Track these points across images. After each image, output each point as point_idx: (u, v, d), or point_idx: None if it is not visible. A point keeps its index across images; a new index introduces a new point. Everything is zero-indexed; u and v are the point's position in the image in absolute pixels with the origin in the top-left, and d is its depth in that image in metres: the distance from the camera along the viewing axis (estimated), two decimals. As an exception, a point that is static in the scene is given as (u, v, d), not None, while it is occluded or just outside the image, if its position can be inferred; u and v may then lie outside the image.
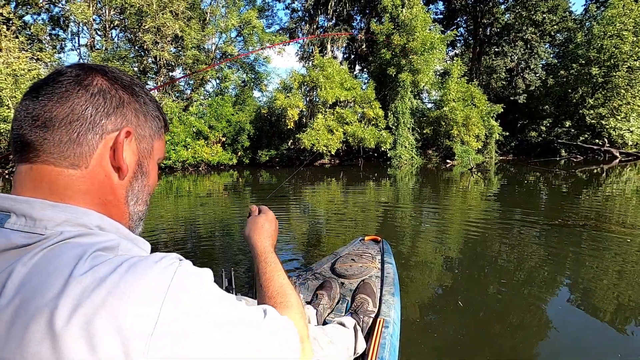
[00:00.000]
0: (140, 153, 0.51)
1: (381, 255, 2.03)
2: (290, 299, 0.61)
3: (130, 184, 0.51)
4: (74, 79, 0.46)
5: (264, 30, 20.58)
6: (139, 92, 0.52)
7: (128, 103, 0.49)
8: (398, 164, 17.30)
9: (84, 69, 0.48)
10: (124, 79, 0.50)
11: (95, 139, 0.46)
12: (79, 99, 0.45)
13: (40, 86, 0.45)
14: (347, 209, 6.35)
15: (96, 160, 0.46)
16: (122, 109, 0.48)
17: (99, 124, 0.46)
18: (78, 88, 0.45)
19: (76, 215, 0.42)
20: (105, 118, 0.46)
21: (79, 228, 0.42)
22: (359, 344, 1.18)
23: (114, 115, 0.47)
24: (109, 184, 0.48)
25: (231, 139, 17.54)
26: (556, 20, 24.28)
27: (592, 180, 10.24)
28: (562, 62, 21.68)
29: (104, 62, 17.65)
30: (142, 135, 0.51)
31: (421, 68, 16.93)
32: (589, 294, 2.56)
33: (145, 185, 0.53)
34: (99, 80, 0.47)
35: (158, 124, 0.55)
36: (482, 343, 1.97)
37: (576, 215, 5.01)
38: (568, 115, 20.99)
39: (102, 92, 0.47)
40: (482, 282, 2.84)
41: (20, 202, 0.41)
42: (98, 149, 0.46)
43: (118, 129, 0.47)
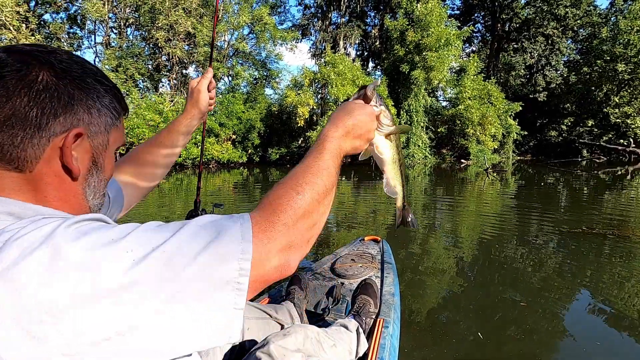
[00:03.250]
0: (94, 150, 0.48)
1: (381, 256, 2.03)
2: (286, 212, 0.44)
3: (85, 180, 0.48)
4: (16, 74, 0.41)
5: (275, 27, 20.45)
6: (92, 83, 0.47)
7: (79, 99, 0.45)
8: (411, 163, 16.92)
9: (26, 60, 0.42)
10: (74, 70, 0.45)
11: (41, 143, 0.42)
12: (21, 99, 0.41)
13: None
14: (356, 208, 6.15)
15: (43, 163, 0.43)
16: (71, 107, 0.44)
17: (45, 127, 0.42)
18: (20, 85, 0.41)
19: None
20: (52, 119, 0.43)
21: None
22: (361, 347, 1.15)
23: (62, 115, 0.43)
24: (59, 183, 0.45)
25: (241, 136, 17.51)
26: (580, 15, 23.24)
27: (616, 182, 9.71)
28: (585, 59, 20.77)
29: (118, 59, 17.89)
30: (96, 132, 0.48)
31: (435, 65, 16.47)
32: (609, 302, 2.44)
33: (102, 180, 0.51)
34: (44, 75, 0.42)
35: (114, 114, 0.50)
36: (484, 344, 1.93)
37: (598, 221, 4.74)
38: (591, 114, 20.11)
39: (48, 89, 0.42)
40: (492, 285, 2.77)
41: None
42: (45, 153, 0.43)
43: (67, 129, 0.44)
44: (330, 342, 1.00)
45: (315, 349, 0.92)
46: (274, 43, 20.35)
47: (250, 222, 0.41)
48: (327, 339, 1.00)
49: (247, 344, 1.01)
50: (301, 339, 0.89)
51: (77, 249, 0.34)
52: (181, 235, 0.37)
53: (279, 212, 0.43)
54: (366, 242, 2.27)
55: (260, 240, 0.40)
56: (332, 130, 0.57)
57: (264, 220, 0.42)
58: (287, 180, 0.49)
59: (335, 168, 0.54)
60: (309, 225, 0.46)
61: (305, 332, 0.92)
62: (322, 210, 0.49)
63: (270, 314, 1.14)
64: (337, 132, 0.57)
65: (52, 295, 0.32)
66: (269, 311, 1.15)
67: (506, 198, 7.28)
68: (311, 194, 0.47)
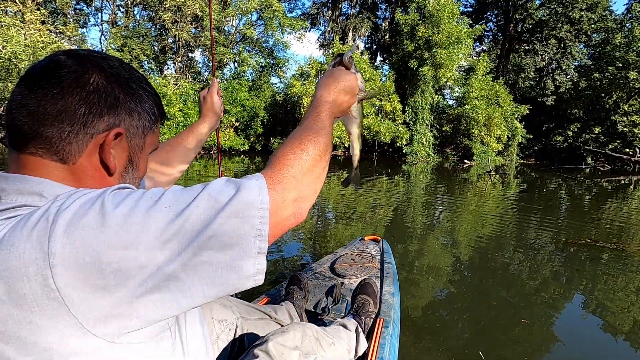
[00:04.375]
0: (131, 149, 0.52)
1: (381, 255, 2.03)
2: (292, 158, 0.50)
3: (121, 177, 0.52)
4: (72, 75, 0.46)
5: (284, 14, 20.14)
6: (136, 88, 0.51)
7: (123, 102, 0.50)
8: (413, 160, 16.81)
9: (82, 63, 0.47)
10: (122, 75, 0.50)
11: (85, 139, 0.47)
12: (72, 97, 0.45)
13: (38, 77, 0.45)
14: (355, 204, 6.08)
15: (85, 157, 0.48)
16: (115, 109, 0.49)
17: (90, 125, 0.47)
18: (74, 85, 0.45)
19: (27, 185, 0.44)
20: (97, 118, 0.47)
21: (30, 197, 0.44)
22: (361, 346, 1.15)
23: (106, 115, 0.48)
24: (97, 177, 0.50)
25: (244, 124, 17.39)
26: (594, 19, 22.81)
27: (619, 191, 9.60)
28: (596, 64, 20.44)
29: (124, 39, 17.67)
30: (134, 133, 0.52)
31: (444, 62, 16.22)
32: (602, 311, 2.46)
33: (135, 178, 0.55)
34: (96, 77, 0.47)
35: (153, 118, 0.55)
36: (483, 345, 1.95)
37: (597, 230, 4.66)
38: (598, 121, 19.89)
39: (97, 91, 0.47)
40: (489, 287, 2.77)
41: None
42: (87, 148, 0.47)
43: (109, 128, 0.48)
44: (329, 341, 0.99)
45: (313, 347, 0.91)
46: (282, 31, 20.08)
47: (264, 178, 0.46)
48: (326, 337, 0.99)
49: (247, 344, 1.00)
50: (299, 336, 0.88)
51: (124, 206, 0.39)
52: (207, 192, 0.42)
53: (288, 167, 0.48)
54: (366, 241, 2.26)
55: (275, 191, 0.45)
56: (325, 95, 0.64)
57: (275, 175, 0.47)
58: (291, 140, 0.53)
59: (331, 127, 0.61)
60: (314, 177, 0.51)
61: (304, 330, 0.91)
62: (323, 165, 0.54)
63: (269, 314, 1.14)
64: (329, 97, 0.65)
65: (107, 247, 0.37)
66: (269, 312, 1.15)
67: (507, 201, 7.20)
68: (314, 150, 0.52)
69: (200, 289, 0.41)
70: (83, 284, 0.36)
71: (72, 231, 0.37)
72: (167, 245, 0.38)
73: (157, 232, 0.38)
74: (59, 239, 0.36)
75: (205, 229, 0.39)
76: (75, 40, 17.01)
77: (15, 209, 0.42)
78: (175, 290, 0.40)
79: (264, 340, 0.84)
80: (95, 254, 0.37)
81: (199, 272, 0.40)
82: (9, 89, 11.87)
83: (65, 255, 0.36)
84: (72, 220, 0.37)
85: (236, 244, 0.41)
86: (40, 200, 0.44)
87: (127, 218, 0.38)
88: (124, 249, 0.37)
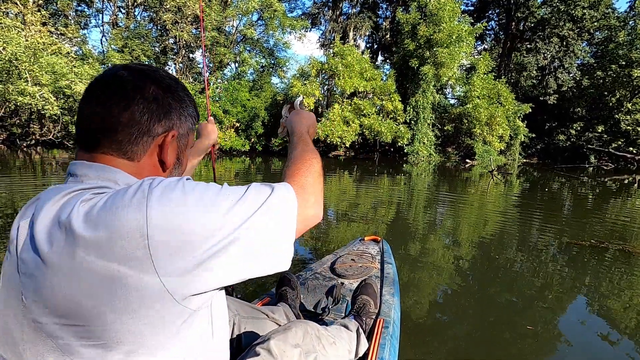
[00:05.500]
0: (179, 149, 0.62)
1: (381, 256, 2.03)
2: (302, 170, 0.64)
3: (170, 172, 0.62)
4: (135, 88, 0.55)
5: (285, 14, 20.08)
6: (182, 95, 0.61)
7: (174, 108, 0.59)
8: (415, 160, 16.73)
9: (141, 77, 0.56)
10: (172, 85, 0.59)
11: (148, 141, 0.56)
12: (137, 106, 0.54)
13: (106, 90, 0.54)
14: (357, 204, 6.02)
15: (147, 156, 0.57)
16: (169, 114, 0.58)
17: (152, 128, 0.56)
18: (138, 97, 0.55)
19: (105, 173, 0.54)
20: (157, 123, 0.57)
21: (105, 181, 0.53)
22: (361, 347, 1.16)
23: (164, 120, 0.57)
24: (155, 172, 0.59)
25: (245, 124, 17.34)
26: (597, 17, 22.63)
27: (622, 190, 9.50)
28: (599, 62, 20.28)
29: (124, 40, 17.67)
30: (182, 134, 0.62)
31: (445, 61, 16.13)
32: (606, 312, 2.43)
33: (180, 173, 0.65)
34: (152, 88, 0.56)
35: (194, 120, 0.64)
36: (483, 346, 1.95)
37: (600, 229, 4.59)
38: (601, 119, 19.73)
39: (155, 100, 0.56)
40: (490, 288, 2.76)
41: (73, 166, 0.56)
42: (150, 148, 0.57)
43: (166, 131, 0.58)
44: (330, 339, 0.99)
45: (315, 346, 0.92)
46: (283, 31, 20.02)
47: (291, 184, 0.57)
48: (328, 336, 1.00)
49: (244, 343, 1.02)
50: (301, 334, 0.89)
51: (199, 188, 0.49)
52: (253, 187, 0.53)
53: (304, 176, 0.62)
54: (366, 241, 2.26)
55: (300, 194, 0.57)
56: (303, 129, 0.84)
57: (297, 182, 0.59)
58: (296, 160, 0.67)
59: (315, 149, 0.76)
60: (321, 186, 0.63)
61: (306, 328, 0.92)
62: (322, 178, 0.66)
63: (267, 314, 1.16)
64: (304, 129, 0.84)
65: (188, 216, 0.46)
66: (266, 312, 1.16)
67: (510, 201, 7.12)
68: (315, 166, 0.65)
69: (251, 259, 0.50)
70: (167, 244, 0.44)
71: (163, 202, 0.45)
72: (232, 219, 0.48)
73: (224, 208, 0.48)
74: (154, 207, 0.45)
75: (255, 211, 0.50)
76: (76, 41, 17.03)
77: (100, 188, 0.52)
78: (234, 255, 0.48)
79: (265, 338, 0.85)
80: (179, 221, 0.45)
81: (250, 246, 0.49)
82: (9, 90, 11.85)
83: (158, 219, 0.44)
84: (163, 194, 0.46)
85: (276, 230, 0.52)
86: (115, 185, 0.53)
87: (202, 196, 0.48)
88: (200, 219, 0.46)
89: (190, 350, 0.51)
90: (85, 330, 0.44)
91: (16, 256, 0.48)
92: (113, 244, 0.43)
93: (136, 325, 0.45)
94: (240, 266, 0.49)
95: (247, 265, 0.50)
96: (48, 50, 13.10)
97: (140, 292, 0.44)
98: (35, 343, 0.45)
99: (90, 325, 0.44)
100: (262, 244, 0.51)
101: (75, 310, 0.44)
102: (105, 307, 0.44)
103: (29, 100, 12.05)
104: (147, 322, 0.45)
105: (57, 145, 15.24)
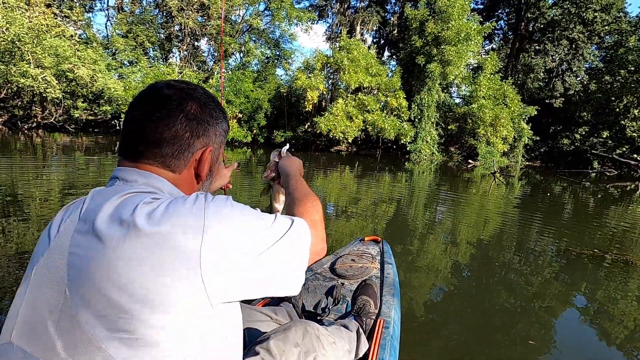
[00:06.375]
0: (212, 161, 0.67)
1: (381, 256, 2.04)
2: (311, 209, 0.71)
3: (203, 183, 0.67)
4: (177, 106, 0.59)
5: (292, 5, 19.84)
6: (218, 114, 0.65)
7: (211, 125, 0.63)
8: (417, 158, 16.64)
9: (182, 96, 0.60)
10: (209, 103, 0.64)
11: (189, 157, 0.62)
12: (180, 124, 0.59)
13: (151, 107, 0.59)
14: (357, 201, 5.98)
15: (187, 169, 0.62)
16: (207, 131, 0.63)
17: (193, 144, 0.61)
18: (181, 115, 0.59)
19: (152, 180, 0.58)
20: (196, 139, 0.61)
21: (152, 188, 0.57)
22: (362, 347, 1.16)
23: (202, 136, 0.62)
24: (192, 184, 0.65)
25: (248, 116, 17.23)
26: (608, 20, 22.31)
27: (624, 197, 9.43)
28: (608, 67, 20.04)
29: (129, 25, 17.50)
30: (216, 148, 0.66)
31: (452, 59, 15.94)
32: (602, 318, 2.44)
33: (211, 183, 0.70)
34: (193, 106, 0.61)
35: (225, 134, 0.69)
36: (483, 346, 1.95)
37: (600, 236, 4.55)
38: (607, 125, 19.56)
39: (196, 118, 0.61)
40: (490, 289, 2.77)
41: (121, 171, 0.59)
42: (189, 162, 0.62)
43: (204, 147, 0.63)
44: (330, 339, 1.00)
45: (314, 345, 0.92)
46: (289, 22, 19.79)
47: (305, 220, 0.63)
48: (327, 335, 1.00)
49: (247, 345, 1.00)
50: (300, 334, 0.90)
51: (244, 209, 0.55)
52: (279, 219, 0.59)
53: (313, 215, 0.68)
54: (366, 242, 2.26)
55: (312, 230, 0.63)
56: (297, 172, 0.92)
57: (309, 219, 0.66)
58: (302, 200, 0.73)
59: (304, 181, 0.85)
60: (323, 223, 0.70)
61: (305, 328, 0.93)
62: (322, 215, 0.73)
63: (270, 315, 1.17)
64: (296, 172, 0.92)
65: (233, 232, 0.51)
66: (269, 313, 1.18)
67: (510, 204, 7.06)
68: (319, 206, 0.72)
69: (272, 278, 0.55)
70: (215, 253, 0.49)
71: (218, 214, 0.51)
72: (266, 240, 0.54)
73: (263, 229, 0.55)
74: (210, 217, 0.50)
75: (281, 238, 0.56)
76: (80, 24, 16.87)
77: (154, 193, 0.56)
78: (263, 273, 0.53)
79: (265, 338, 0.86)
80: (229, 234, 0.51)
81: (273, 268, 0.55)
82: (11, 72, 11.76)
83: (213, 228, 0.49)
84: (218, 208, 0.51)
85: (296, 257, 0.58)
86: (161, 193, 0.57)
87: (246, 217, 0.54)
88: (243, 235, 0.52)
89: (204, 350, 0.53)
90: (125, 322, 0.46)
91: (66, 250, 0.50)
92: (171, 238, 0.47)
93: (170, 322, 0.47)
94: (264, 283, 0.55)
95: (269, 282, 0.55)
96: (52, 32, 12.97)
97: (182, 284, 0.47)
98: (72, 336, 0.46)
99: (131, 317, 0.46)
100: (282, 267, 0.56)
101: (121, 301, 0.46)
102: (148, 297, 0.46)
103: (30, 82, 11.97)
104: (178, 319, 0.48)
105: (59, 129, 15.18)
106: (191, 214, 0.49)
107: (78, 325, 0.46)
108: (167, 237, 0.47)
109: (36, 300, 0.50)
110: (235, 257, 0.50)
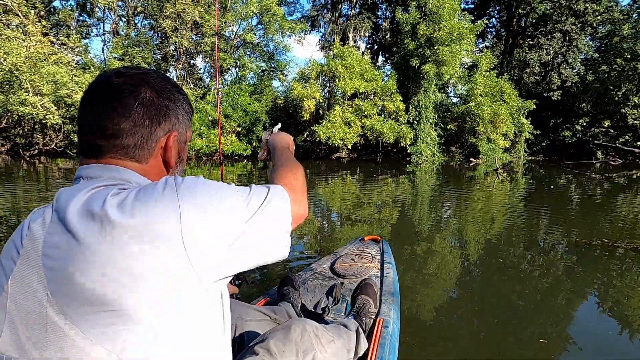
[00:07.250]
0: (180, 147, 0.65)
1: (381, 255, 2.03)
2: (289, 175, 0.71)
3: (173, 170, 0.65)
4: (131, 95, 0.56)
5: (284, 17, 20.07)
6: (177, 97, 0.62)
7: (171, 110, 0.61)
8: (418, 160, 16.56)
9: (134, 83, 0.57)
10: (165, 86, 0.61)
11: (153, 145, 0.59)
12: (137, 113, 0.57)
13: (103, 100, 0.56)
14: (359, 205, 5.91)
15: (153, 157, 0.60)
16: (168, 116, 0.60)
17: (155, 132, 0.59)
18: (135, 103, 0.56)
19: (118, 173, 0.56)
20: (157, 126, 0.59)
21: (118, 180, 0.56)
22: (361, 346, 1.15)
23: (163, 122, 0.60)
24: (160, 172, 0.62)
25: (246, 129, 17.31)
26: (600, 11, 22.33)
27: (631, 185, 9.28)
28: (604, 57, 19.99)
29: (125, 48, 17.76)
30: (181, 132, 0.64)
31: (447, 59, 15.97)
32: (618, 311, 2.36)
33: (181, 169, 0.68)
34: (148, 93, 0.58)
35: (190, 116, 0.67)
36: (485, 346, 1.92)
37: (609, 227, 4.44)
38: (607, 114, 19.41)
39: (153, 104, 0.58)
40: (490, 288, 2.72)
41: (84, 169, 0.57)
42: (155, 151, 0.60)
43: (167, 133, 0.61)
44: (328, 338, 0.99)
45: (313, 344, 0.92)
46: (282, 34, 20.00)
47: (282, 185, 0.63)
48: (326, 334, 1.00)
49: (246, 344, 1.02)
50: (299, 333, 0.90)
51: (217, 184, 0.54)
52: (254, 188, 0.58)
53: (292, 180, 0.69)
54: (366, 241, 2.26)
55: (291, 194, 0.63)
56: (285, 145, 0.92)
57: (287, 184, 0.66)
58: (282, 168, 0.74)
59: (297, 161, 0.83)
60: (305, 188, 0.70)
61: (304, 327, 0.93)
62: (305, 182, 0.73)
63: (269, 315, 1.17)
64: (285, 145, 0.92)
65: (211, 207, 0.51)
66: (268, 313, 1.18)
67: (515, 199, 6.95)
68: (300, 171, 0.73)
69: (260, 246, 0.56)
70: (197, 234, 0.48)
71: (191, 194, 0.50)
72: (247, 211, 0.54)
73: (240, 201, 0.54)
74: (185, 198, 0.49)
75: (260, 206, 0.56)
76: (78, 51, 17.13)
77: (116, 185, 0.53)
78: (250, 243, 0.54)
79: (264, 338, 0.86)
80: (206, 210, 0.50)
81: (260, 236, 0.55)
82: (10, 101, 11.91)
83: (189, 209, 0.49)
84: (190, 188, 0.51)
85: (277, 222, 0.58)
86: (128, 184, 0.55)
87: (221, 191, 0.53)
88: (222, 209, 0.51)
89: (202, 342, 0.52)
90: (114, 314, 0.45)
91: (39, 253, 0.49)
92: (149, 228, 0.46)
93: (160, 309, 0.47)
94: (252, 253, 0.54)
95: (257, 251, 0.55)
96: (49, 60, 13.16)
97: (169, 270, 0.47)
98: (60, 335, 0.46)
99: (118, 309, 0.45)
100: (267, 234, 0.56)
101: (107, 294, 0.45)
102: (135, 288, 0.45)
103: (30, 110, 12.10)
104: (169, 305, 0.47)
105: (60, 154, 15.31)
106: (164, 199, 0.49)
107: (65, 324, 0.46)
108: (145, 228, 0.46)
109: (19, 309, 0.48)
110: (218, 234, 0.50)
